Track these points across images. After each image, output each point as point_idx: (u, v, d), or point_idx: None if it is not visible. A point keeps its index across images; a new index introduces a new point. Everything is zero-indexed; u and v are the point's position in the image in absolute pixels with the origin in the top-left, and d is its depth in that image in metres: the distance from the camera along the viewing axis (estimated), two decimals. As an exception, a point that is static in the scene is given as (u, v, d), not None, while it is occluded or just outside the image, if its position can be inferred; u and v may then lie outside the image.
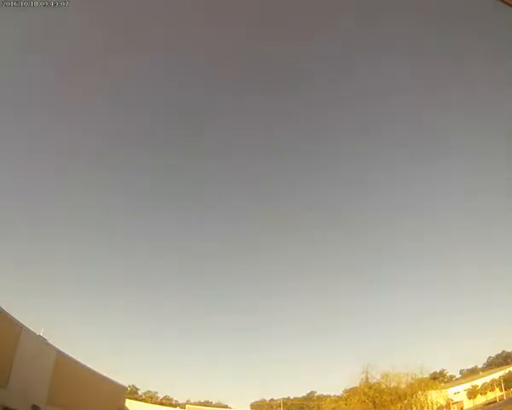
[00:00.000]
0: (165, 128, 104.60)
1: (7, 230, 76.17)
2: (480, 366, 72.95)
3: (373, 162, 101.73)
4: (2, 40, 49.03)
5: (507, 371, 58.00)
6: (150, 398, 69.15)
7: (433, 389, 45.24)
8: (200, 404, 67.62)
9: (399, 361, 73.28)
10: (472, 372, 71.08)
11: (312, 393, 78.46)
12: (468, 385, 61.99)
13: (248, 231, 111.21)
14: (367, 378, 43.88)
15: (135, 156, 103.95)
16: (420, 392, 43.38)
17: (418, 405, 43.19)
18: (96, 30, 71.25)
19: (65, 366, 24.05)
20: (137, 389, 69.99)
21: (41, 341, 22.38)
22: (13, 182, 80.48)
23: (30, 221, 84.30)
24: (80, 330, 78.46)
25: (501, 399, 54.52)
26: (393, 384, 43.45)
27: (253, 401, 79.25)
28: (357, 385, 45.54)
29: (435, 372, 57.20)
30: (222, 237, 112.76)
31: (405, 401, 42.83)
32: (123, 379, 37.67)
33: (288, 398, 76.26)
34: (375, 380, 43.99)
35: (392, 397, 42.09)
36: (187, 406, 60.38)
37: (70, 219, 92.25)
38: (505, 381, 56.21)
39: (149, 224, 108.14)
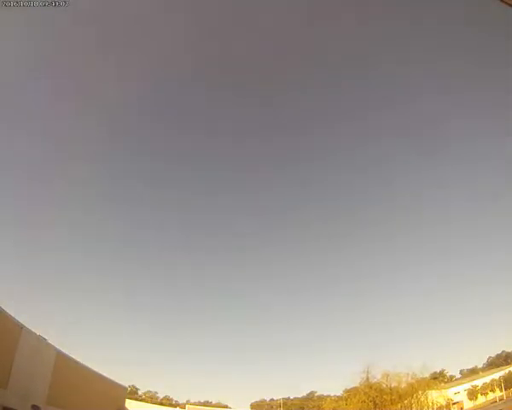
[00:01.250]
0: (174, 135, 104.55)
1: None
2: (480, 366, 73.04)
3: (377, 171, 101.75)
4: (2, 40, 49.02)
5: (507, 371, 58.00)
6: (150, 398, 69.17)
7: (433, 389, 45.28)
8: (200, 404, 67.67)
9: (400, 361, 73.60)
10: (472, 372, 71.04)
11: (312, 393, 78.57)
12: (468, 385, 61.96)
13: (252, 230, 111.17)
14: (367, 378, 43.98)
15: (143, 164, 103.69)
16: (420, 392, 43.44)
17: (418, 405, 43.23)
18: (96, 30, 71.13)
19: (65, 366, 24.01)
20: (137, 389, 70.09)
21: (41, 341, 22.34)
22: (13, 183, 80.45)
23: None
24: (80, 330, 78.42)
25: (501, 399, 54.51)
26: (394, 384, 43.52)
27: (253, 401, 79.44)
28: (358, 385, 45.65)
29: (435, 372, 57.20)
30: (221, 236, 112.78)
31: (406, 401, 42.88)
32: (123, 379, 37.69)
33: (288, 398, 76.32)
34: (375, 380, 44.10)
35: (393, 397, 42.14)
36: (187, 406, 60.42)
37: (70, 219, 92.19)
38: (505, 381, 56.20)
39: (155, 222, 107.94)
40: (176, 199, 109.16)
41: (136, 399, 59.10)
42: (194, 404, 65.60)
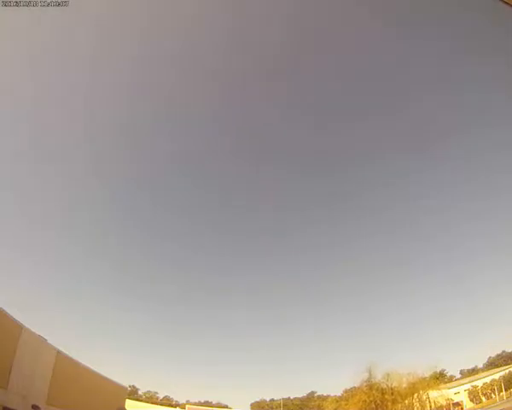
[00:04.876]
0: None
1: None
2: (480, 366, 73.03)
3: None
4: (2, 40, 49.03)
5: (507, 371, 58.01)
6: (150, 398, 69.28)
7: (433, 389, 45.27)
8: (200, 404, 67.75)
9: (400, 361, 73.62)
10: (472, 372, 71.05)
11: (312, 393, 78.53)
12: (468, 385, 61.97)
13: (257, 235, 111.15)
14: (368, 378, 44.00)
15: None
16: (421, 392, 43.47)
17: (419, 405, 43.26)
18: (98, 31, 71.02)
19: (65, 366, 24.03)
20: (137, 389, 70.17)
21: (41, 341, 22.36)
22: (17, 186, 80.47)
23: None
24: (79, 330, 78.40)
25: (501, 399, 54.54)
26: (394, 384, 43.53)
27: (253, 401, 79.37)
28: (358, 385, 45.68)
29: (435, 372, 57.25)
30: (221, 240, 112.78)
31: (406, 401, 42.92)
32: (123, 379, 37.68)
33: (288, 398, 76.36)
34: (375, 380, 44.13)
35: (394, 397, 42.18)
36: (187, 406, 60.60)
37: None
38: (505, 381, 56.21)
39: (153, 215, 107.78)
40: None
41: (137, 399, 59.23)
42: (194, 404, 65.68)
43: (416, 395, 42.90)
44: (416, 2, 68.30)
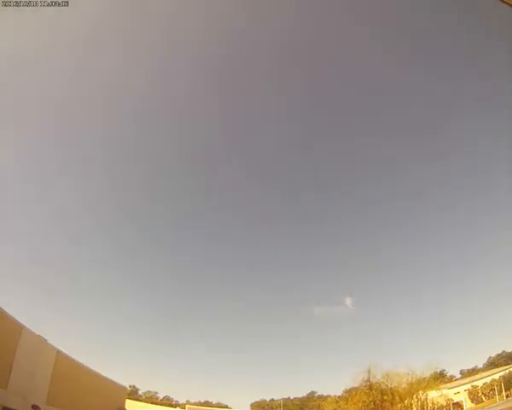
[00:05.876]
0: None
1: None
2: (480, 366, 72.99)
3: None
4: (2, 40, 49.01)
5: (507, 371, 58.00)
6: (150, 398, 69.32)
7: (433, 389, 45.32)
8: (200, 404, 67.72)
9: (400, 361, 73.59)
10: (472, 372, 70.99)
11: (312, 393, 78.51)
12: (468, 385, 61.94)
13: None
14: (368, 378, 44.05)
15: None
16: (420, 392, 43.53)
17: (419, 405, 43.31)
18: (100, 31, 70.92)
19: (65, 366, 24.05)
20: (137, 389, 70.22)
21: (41, 341, 22.37)
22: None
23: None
24: (79, 329, 78.38)
25: (501, 399, 54.52)
26: (394, 384, 43.60)
27: (252, 401, 79.33)
28: (358, 385, 45.73)
29: (435, 372, 57.35)
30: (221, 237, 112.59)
31: (406, 402, 42.96)
32: (123, 379, 37.70)
33: (288, 398, 76.36)
34: (375, 380, 44.17)
35: (393, 397, 42.23)
36: (187, 406, 60.45)
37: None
38: (506, 381, 56.19)
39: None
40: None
41: (137, 399, 59.25)
42: (194, 404, 65.63)
43: (415, 396, 42.96)
44: (416, 2, 68.40)
